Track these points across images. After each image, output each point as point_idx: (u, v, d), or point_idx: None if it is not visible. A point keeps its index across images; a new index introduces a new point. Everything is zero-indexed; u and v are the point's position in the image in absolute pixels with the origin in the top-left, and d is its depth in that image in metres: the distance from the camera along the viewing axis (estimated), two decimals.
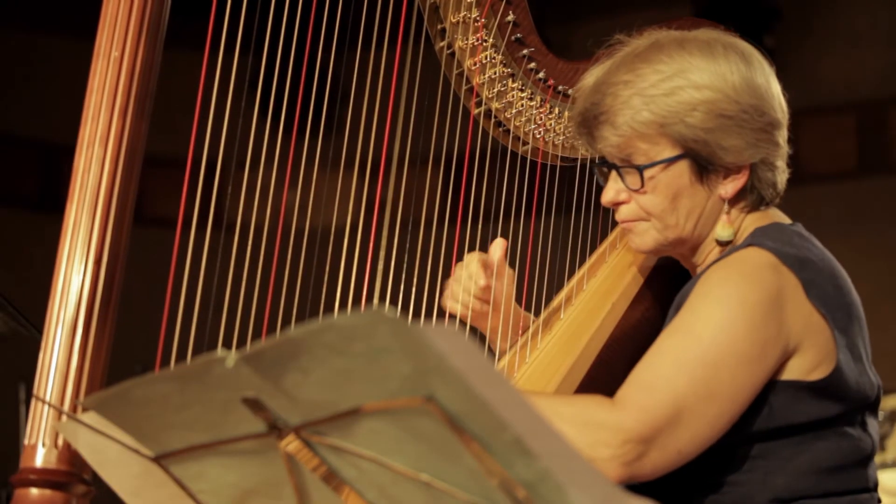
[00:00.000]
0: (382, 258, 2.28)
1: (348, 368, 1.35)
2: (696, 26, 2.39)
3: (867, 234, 6.06)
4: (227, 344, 2.06)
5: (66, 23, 6.11)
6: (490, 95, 2.58)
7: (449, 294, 2.52)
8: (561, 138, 2.62)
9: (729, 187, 2.30)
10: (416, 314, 2.32)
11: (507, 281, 2.53)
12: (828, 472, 2.22)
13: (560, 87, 2.61)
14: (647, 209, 2.32)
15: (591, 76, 2.36)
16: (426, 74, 2.42)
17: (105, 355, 1.97)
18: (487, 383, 1.29)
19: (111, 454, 1.60)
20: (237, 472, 1.55)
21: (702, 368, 2.13)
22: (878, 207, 6.21)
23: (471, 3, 2.52)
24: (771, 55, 2.38)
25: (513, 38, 2.56)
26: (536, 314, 2.57)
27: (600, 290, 2.54)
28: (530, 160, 2.61)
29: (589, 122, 2.33)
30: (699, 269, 2.36)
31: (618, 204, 2.35)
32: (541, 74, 2.60)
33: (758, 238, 2.27)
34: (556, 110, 2.61)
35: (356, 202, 2.29)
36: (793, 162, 2.37)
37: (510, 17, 2.55)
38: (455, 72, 2.55)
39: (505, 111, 2.60)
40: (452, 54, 2.55)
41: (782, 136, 2.33)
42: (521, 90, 2.60)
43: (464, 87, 2.56)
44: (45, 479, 1.91)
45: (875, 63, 6.27)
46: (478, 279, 2.48)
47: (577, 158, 2.62)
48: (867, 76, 6.30)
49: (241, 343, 2.07)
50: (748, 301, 2.17)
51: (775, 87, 2.33)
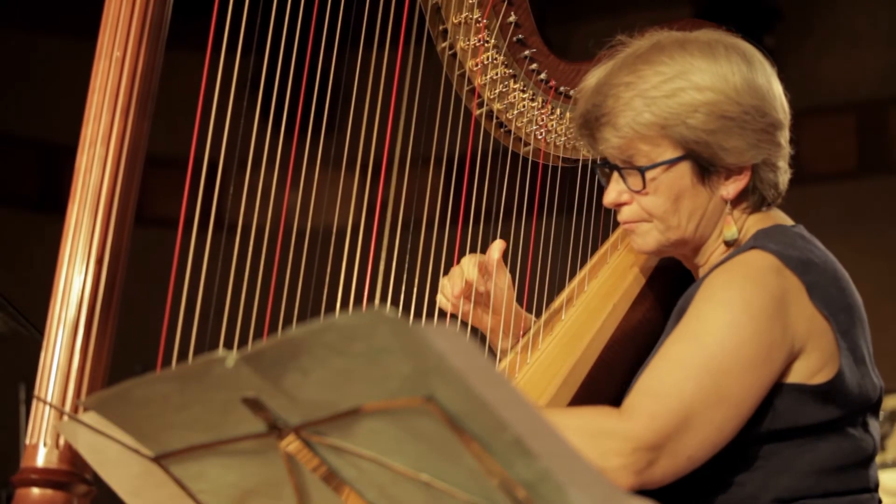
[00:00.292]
0: (384, 259, 2.28)
1: (348, 368, 1.35)
2: (697, 27, 2.39)
3: (867, 234, 6.06)
4: (227, 344, 2.06)
5: (67, 23, 6.11)
6: (492, 96, 2.58)
7: (440, 289, 2.52)
8: (562, 139, 2.62)
9: (731, 188, 2.30)
10: (417, 315, 2.32)
11: (506, 283, 2.53)
12: (829, 473, 2.22)
13: (562, 89, 2.60)
14: (648, 210, 2.32)
15: (593, 77, 2.36)
16: (427, 75, 2.42)
17: (106, 356, 1.97)
18: (487, 383, 1.29)
19: (111, 454, 1.60)
20: (237, 472, 1.55)
21: (709, 374, 2.13)
22: (878, 207, 6.21)
23: (473, 3, 2.52)
24: (771, 55, 2.37)
25: (514, 39, 2.56)
26: (537, 315, 2.57)
27: (601, 291, 2.54)
28: (531, 161, 2.61)
29: (590, 124, 2.33)
30: (702, 270, 2.36)
31: (620, 205, 2.35)
32: (542, 75, 2.60)
33: (760, 240, 2.26)
34: (558, 111, 2.61)
35: (357, 203, 2.29)
36: (793, 162, 2.37)
37: (512, 18, 2.55)
38: (457, 73, 2.56)
39: (506, 112, 2.60)
40: (454, 55, 2.55)
41: (784, 136, 2.33)
42: (523, 91, 2.60)
43: (465, 88, 2.56)
44: (47, 478, 1.91)
45: (875, 63, 6.27)
46: (469, 276, 2.48)
47: (578, 160, 2.62)
48: (867, 76, 6.29)
49: (242, 343, 2.07)
50: (753, 305, 2.16)
51: (777, 88, 2.33)
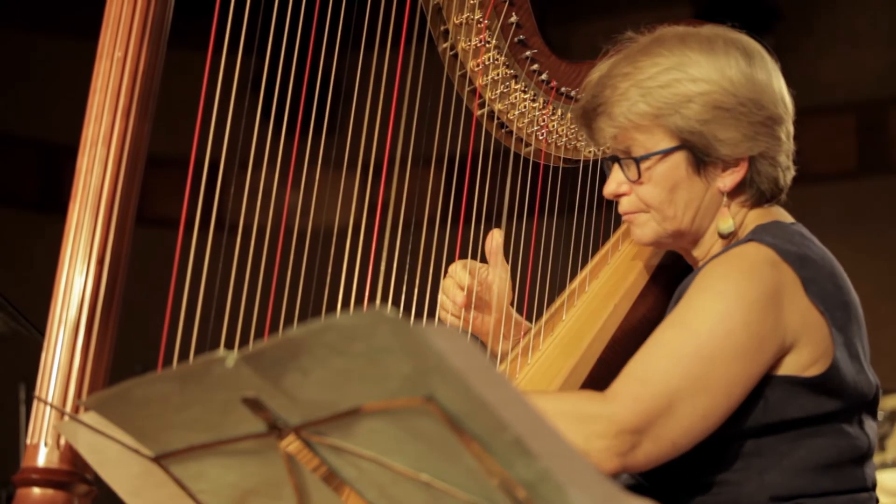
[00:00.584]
0: (385, 259, 2.29)
1: (348, 368, 1.35)
2: (698, 27, 2.40)
3: (867, 234, 6.06)
4: (228, 344, 2.06)
5: (66, 23, 6.11)
6: (493, 97, 2.58)
7: (440, 304, 2.53)
8: (563, 140, 2.62)
9: (727, 180, 2.31)
10: (418, 315, 2.32)
11: (504, 276, 2.54)
12: (824, 470, 2.22)
13: (563, 89, 2.61)
14: (645, 200, 2.33)
15: (597, 72, 2.38)
16: (429, 75, 2.42)
17: (107, 356, 1.97)
18: (487, 383, 1.29)
19: (111, 454, 1.60)
20: (237, 472, 1.55)
21: (697, 361, 2.13)
22: (878, 207, 6.21)
23: (474, 4, 2.52)
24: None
25: (516, 39, 2.56)
26: (539, 315, 2.57)
27: (602, 291, 2.54)
28: (532, 161, 2.61)
29: (588, 115, 2.35)
30: (701, 264, 2.36)
31: (619, 196, 2.36)
32: (543, 76, 2.60)
33: (758, 234, 2.27)
34: (559, 112, 2.61)
35: (358, 203, 2.29)
36: (796, 160, 2.37)
37: (513, 19, 2.55)
38: (458, 73, 2.56)
39: (507, 113, 2.60)
40: (455, 56, 2.55)
41: (784, 131, 2.33)
42: (524, 92, 2.60)
43: (467, 89, 2.56)
44: (48, 478, 1.91)
45: (875, 63, 6.27)
46: (462, 282, 2.50)
47: (579, 160, 2.63)
48: (867, 76, 6.29)
49: (242, 344, 2.07)
50: (746, 296, 2.17)
51: (778, 84, 2.33)
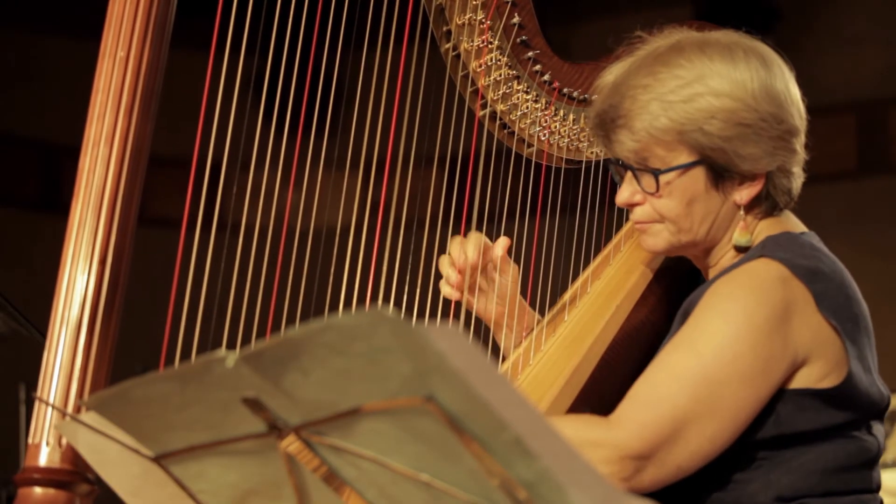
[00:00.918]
0: (386, 259, 2.29)
1: (348, 368, 1.35)
2: (700, 30, 2.39)
3: (867, 234, 6.06)
4: (229, 344, 2.05)
5: (67, 23, 6.11)
6: (495, 97, 2.57)
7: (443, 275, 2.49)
8: (566, 141, 2.61)
9: (744, 194, 2.29)
10: (419, 315, 2.32)
11: (511, 278, 2.53)
12: (832, 473, 2.22)
13: (565, 90, 2.60)
14: (661, 212, 2.31)
15: (611, 75, 2.35)
16: (431, 75, 2.42)
17: (109, 356, 1.97)
18: (487, 383, 1.29)
19: (111, 454, 1.60)
20: (237, 472, 1.55)
21: (704, 385, 2.12)
22: (878, 207, 6.20)
23: (476, 5, 2.52)
24: None
25: (518, 40, 2.56)
26: (541, 316, 2.57)
27: (605, 291, 2.54)
28: (534, 162, 2.61)
29: (606, 125, 2.31)
30: (712, 272, 2.36)
31: (632, 205, 2.34)
32: (546, 77, 2.60)
33: (769, 249, 2.25)
34: (561, 113, 2.61)
35: (360, 203, 2.29)
36: (807, 166, 2.35)
37: (516, 20, 2.55)
38: (460, 74, 2.55)
39: (510, 113, 2.59)
40: (458, 56, 2.55)
41: (799, 142, 2.31)
42: (527, 92, 2.59)
43: (469, 89, 2.56)
44: (49, 478, 1.91)
45: (875, 63, 6.27)
46: (469, 253, 2.45)
47: (581, 161, 2.62)
48: (867, 76, 6.29)
49: (243, 343, 2.06)
50: (753, 317, 2.15)
51: (794, 92, 2.31)
